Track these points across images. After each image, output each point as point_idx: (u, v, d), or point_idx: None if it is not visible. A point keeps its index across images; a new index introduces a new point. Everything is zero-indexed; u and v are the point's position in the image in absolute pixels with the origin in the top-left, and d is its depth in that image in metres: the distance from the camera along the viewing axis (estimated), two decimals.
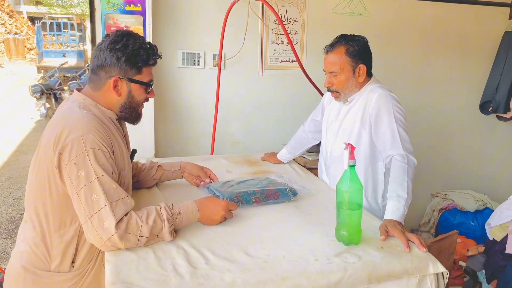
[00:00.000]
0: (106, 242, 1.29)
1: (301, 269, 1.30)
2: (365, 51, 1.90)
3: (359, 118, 1.91)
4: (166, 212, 1.40)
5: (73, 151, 1.30)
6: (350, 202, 1.43)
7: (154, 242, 1.38)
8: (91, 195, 1.29)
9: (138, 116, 1.55)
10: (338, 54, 1.88)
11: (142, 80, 1.46)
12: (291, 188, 1.85)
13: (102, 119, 1.43)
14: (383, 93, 1.86)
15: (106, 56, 1.41)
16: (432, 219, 3.44)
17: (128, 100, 1.47)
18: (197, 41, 2.75)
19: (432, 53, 3.40)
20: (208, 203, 1.54)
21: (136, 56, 1.41)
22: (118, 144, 1.47)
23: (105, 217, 1.28)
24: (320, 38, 3.00)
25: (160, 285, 1.18)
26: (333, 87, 1.94)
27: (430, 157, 3.59)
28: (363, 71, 1.90)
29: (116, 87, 1.44)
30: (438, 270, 1.39)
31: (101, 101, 1.46)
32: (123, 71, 1.42)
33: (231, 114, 2.93)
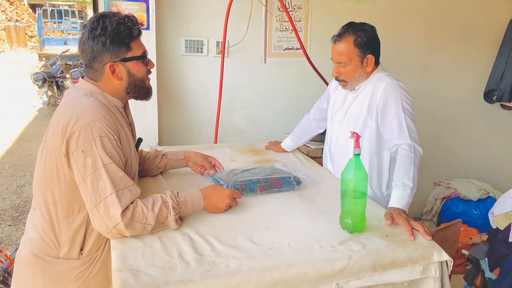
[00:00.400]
0: (112, 229, 1.29)
1: (306, 257, 1.30)
2: (374, 41, 1.89)
3: (365, 107, 1.91)
4: (172, 200, 1.40)
5: (80, 138, 1.30)
6: (354, 190, 1.43)
7: (159, 230, 1.39)
8: (98, 182, 1.29)
9: (148, 91, 1.53)
10: (346, 45, 1.86)
11: (135, 55, 1.43)
12: (295, 177, 1.85)
13: (109, 107, 1.42)
14: (391, 82, 1.85)
15: (92, 47, 1.38)
16: (435, 208, 3.45)
17: (131, 80, 1.45)
18: (200, 28, 2.73)
19: (436, 41, 3.37)
20: (213, 191, 1.54)
21: (118, 34, 1.37)
22: (125, 132, 1.46)
23: (111, 205, 1.29)
24: (324, 25, 2.99)
25: (166, 271, 1.19)
26: (340, 76, 1.93)
27: (433, 146, 3.58)
28: (371, 61, 1.88)
29: (114, 72, 1.42)
30: (442, 258, 1.40)
31: (106, 89, 1.45)
32: (114, 54, 1.39)
33: (235, 102, 2.93)
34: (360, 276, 1.31)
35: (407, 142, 1.78)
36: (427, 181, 3.66)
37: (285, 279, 1.23)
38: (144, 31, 2.39)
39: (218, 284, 1.17)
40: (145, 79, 1.50)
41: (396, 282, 1.36)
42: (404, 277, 1.36)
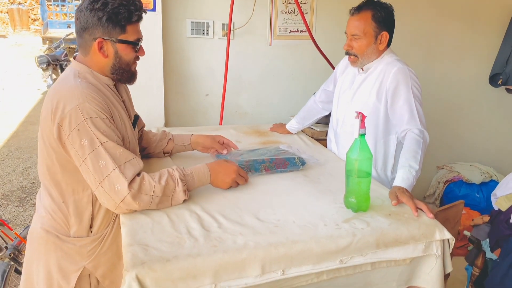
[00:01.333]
0: (120, 204, 1.32)
1: (311, 234, 1.33)
2: (390, 19, 1.89)
3: (374, 91, 1.91)
4: (179, 173, 1.43)
5: (72, 121, 1.30)
6: (359, 170, 1.45)
7: (167, 204, 1.41)
8: (98, 161, 1.30)
9: (132, 76, 1.51)
10: (364, 18, 1.86)
11: (128, 39, 1.41)
12: (299, 158, 1.87)
13: (99, 87, 1.41)
14: (402, 67, 1.85)
15: (87, 17, 1.36)
16: (437, 191, 3.48)
17: (116, 61, 1.43)
18: (206, 10, 2.72)
19: (441, 24, 3.35)
20: (219, 167, 1.56)
21: (117, 14, 1.35)
22: (117, 110, 1.46)
23: (115, 180, 1.30)
24: (330, 7, 2.97)
25: (175, 246, 1.22)
26: (352, 50, 1.92)
27: (437, 129, 3.59)
28: (385, 39, 1.88)
29: (102, 48, 1.39)
30: (444, 237, 1.43)
31: (94, 66, 1.43)
32: (107, 32, 1.37)
33: (240, 84, 2.94)
34: (363, 253, 1.34)
35: (418, 127, 1.80)
36: (430, 164, 3.68)
37: (290, 255, 1.26)
38: (150, 12, 2.42)
39: (225, 258, 1.20)
40: (132, 64, 1.48)
41: (399, 259, 1.39)
42: (407, 254, 1.40)
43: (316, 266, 1.29)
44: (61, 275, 1.47)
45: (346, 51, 1.94)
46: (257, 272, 1.23)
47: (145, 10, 1.46)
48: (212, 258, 1.19)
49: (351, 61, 1.96)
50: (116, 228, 1.52)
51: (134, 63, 1.49)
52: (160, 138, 1.88)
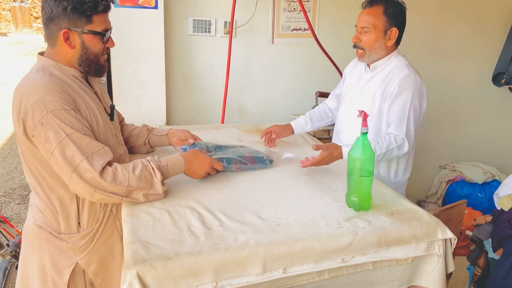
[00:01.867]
0: (96, 191, 1.30)
1: (312, 232, 1.33)
2: (402, 17, 1.89)
3: (379, 93, 1.90)
4: (155, 163, 1.42)
5: (35, 115, 1.28)
6: (361, 169, 1.44)
7: (143, 196, 1.39)
8: (65, 153, 1.28)
9: (100, 68, 1.46)
10: (375, 12, 1.86)
11: (95, 30, 1.36)
12: (267, 156, 1.88)
13: (64, 79, 1.38)
14: (409, 74, 1.84)
15: (52, 7, 1.32)
16: (440, 191, 3.47)
17: (83, 52, 1.39)
18: (208, 8, 2.72)
19: (444, 23, 3.34)
20: (195, 157, 1.56)
21: (82, 3, 1.31)
22: (86, 102, 1.42)
23: (85, 170, 1.28)
24: (332, 5, 2.97)
25: (176, 244, 1.22)
26: (360, 43, 1.91)
27: (439, 129, 3.58)
28: (394, 35, 1.88)
29: (68, 39, 1.36)
30: (446, 236, 1.42)
31: (61, 59, 1.40)
32: (72, 22, 1.33)
33: (241, 83, 2.93)
34: (365, 252, 1.33)
35: (401, 136, 1.81)
36: (432, 164, 3.67)
37: (291, 253, 1.25)
38: (152, 10, 2.42)
39: (227, 256, 1.19)
40: (100, 56, 1.44)
41: (401, 258, 1.39)
42: (408, 253, 1.39)
43: (318, 264, 1.29)
44: (54, 270, 1.47)
45: (354, 43, 1.93)
46: (258, 271, 1.22)
47: (112, 1, 1.42)
48: (213, 256, 1.18)
49: (358, 55, 1.95)
50: (110, 226, 1.52)
51: (103, 55, 1.46)
52: (140, 131, 1.86)
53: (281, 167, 1.87)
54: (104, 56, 1.46)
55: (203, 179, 1.63)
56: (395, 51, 1.94)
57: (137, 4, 2.38)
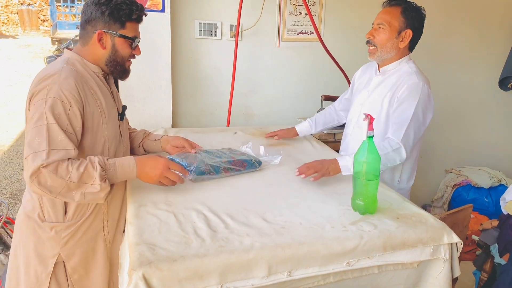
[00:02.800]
0: (34, 179, 1.30)
1: (318, 235, 1.33)
2: (419, 22, 1.88)
3: (388, 98, 1.89)
4: (99, 159, 1.40)
5: (37, 96, 1.38)
6: (367, 172, 1.44)
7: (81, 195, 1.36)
8: (35, 137, 1.33)
9: (124, 71, 1.60)
10: (394, 11, 1.87)
11: (126, 35, 1.51)
12: (255, 158, 1.88)
13: (83, 74, 1.48)
14: (418, 82, 1.83)
15: (92, 11, 1.48)
16: (446, 195, 3.45)
17: (112, 54, 1.52)
18: (214, 11, 2.73)
19: (450, 26, 3.33)
20: (148, 159, 1.52)
21: (119, 10, 1.46)
22: (98, 99, 1.50)
23: (38, 158, 1.30)
24: (339, 9, 2.97)
25: (182, 246, 1.22)
26: (373, 39, 1.90)
27: (445, 133, 3.57)
28: (408, 37, 1.87)
29: (101, 40, 1.50)
30: (452, 240, 1.41)
31: (88, 56, 1.53)
32: (107, 25, 1.48)
33: (247, 86, 2.94)
34: (370, 256, 1.33)
35: (398, 140, 1.77)
36: (438, 168, 3.65)
37: (296, 256, 1.26)
38: (159, 13, 2.43)
39: (232, 259, 1.20)
40: (126, 60, 1.57)
41: (406, 262, 1.38)
42: (414, 257, 1.39)
43: (323, 268, 1.29)
44: (38, 260, 1.51)
45: (367, 39, 1.93)
46: (263, 273, 1.22)
47: (145, 13, 1.57)
48: (218, 259, 1.19)
49: (369, 52, 1.94)
50: (97, 224, 1.55)
51: (129, 60, 1.59)
52: (138, 134, 1.92)
53: (286, 171, 1.87)
54: (129, 62, 1.60)
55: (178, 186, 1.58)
56: (406, 56, 1.93)
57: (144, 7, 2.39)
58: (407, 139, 1.79)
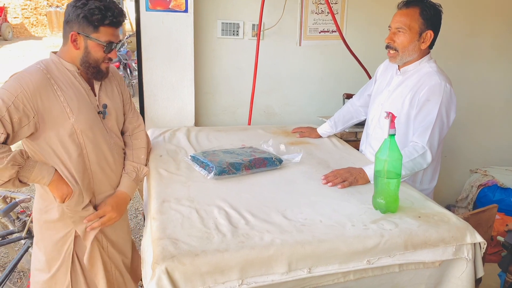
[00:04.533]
0: None
1: (338, 233, 1.34)
2: (437, 20, 1.84)
3: (408, 99, 1.86)
4: (24, 152, 1.49)
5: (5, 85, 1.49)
6: (388, 171, 1.44)
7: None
8: None
9: (99, 72, 1.63)
10: (412, 13, 1.82)
11: (98, 39, 1.56)
12: (276, 156, 1.89)
13: (54, 72, 1.56)
14: (439, 83, 1.79)
15: (69, 12, 1.55)
16: (470, 195, 3.38)
17: (84, 55, 1.58)
18: (236, 11, 2.75)
19: (477, 24, 3.26)
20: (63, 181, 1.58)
21: (92, 14, 1.51)
22: (66, 94, 1.56)
23: None
24: (361, 7, 2.95)
25: (204, 241, 1.25)
26: (393, 44, 1.87)
27: (470, 132, 3.50)
28: (429, 38, 1.83)
29: (75, 41, 1.56)
30: (475, 240, 1.40)
31: (66, 55, 1.60)
32: (81, 27, 1.54)
33: (268, 85, 2.95)
34: (391, 254, 1.33)
35: (423, 144, 1.75)
36: (463, 168, 3.59)
37: (317, 253, 1.27)
38: (182, 14, 2.47)
39: (252, 254, 1.22)
40: (100, 62, 1.61)
41: (428, 261, 1.37)
42: (436, 257, 1.38)
43: (343, 265, 1.29)
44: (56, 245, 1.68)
45: (387, 44, 1.89)
46: (283, 269, 1.24)
47: (122, 19, 1.60)
48: (239, 254, 1.21)
49: (390, 56, 1.91)
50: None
51: (104, 62, 1.63)
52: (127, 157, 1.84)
53: (307, 169, 1.88)
54: (105, 64, 1.64)
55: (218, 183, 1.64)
56: (427, 55, 1.90)
57: (167, 8, 2.44)
58: (432, 141, 1.76)
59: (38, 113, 1.50)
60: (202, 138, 2.31)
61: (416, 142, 1.77)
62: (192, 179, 1.70)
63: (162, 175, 1.74)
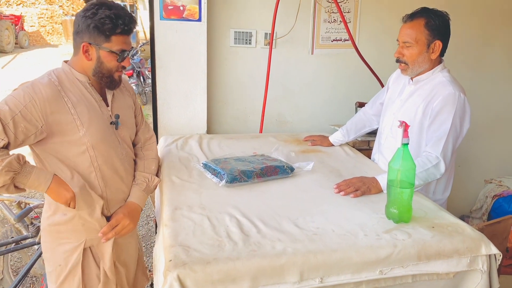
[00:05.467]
0: None
1: (351, 243, 1.33)
2: (445, 28, 1.83)
3: (421, 109, 1.85)
4: (22, 156, 1.44)
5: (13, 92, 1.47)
6: (401, 180, 1.43)
7: None
8: None
9: (112, 81, 1.61)
10: (417, 25, 1.81)
11: (110, 48, 1.53)
12: (288, 164, 1.89)
13: (65, 83, 1.53)
14: (453, 92, 1.77)
15: (79, 23, 1.51)
16: (485, 206, 3.33)
17: (97, 66, 1.55)
18: (249, 20, 2.77)
19: (491, 33, 3.23)
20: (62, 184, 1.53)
21: (103, 24, 1.48)
22: (77, 105, 1.52)
23: None
24: (373, 17, 2.95)
25: (215, 249, 1.25)
26: (403, 58, 1.87)
27: (484, 141, 3.46)
28: (438, 48, 1.82)
29: (87, 52, 1.53)
30: (490, 252, 1.38)
31: (77, 65, 1.57)
32: (92, 37, 1.51)
33: (280, 93, 2.96)
34: (404, 265, 1.32)
35: (436, 154, 1.74)
36: (477, 178, 3.54)
37: (329, 263, 1.26)
38: (196, 22, 2.50)
39: (264, 263, 1.21)
40: (113, 71, 1.58)
41: (441, 272, 1.36)
42: (450, 268, 1.36)
43: (355, 275, 1.28)
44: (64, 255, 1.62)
45: (397, 58, 1.89)
46: (295, 279, 1.23)
47: (134, 26, 1.57)
48: (251, 262, 1.21)
49: (401, 68, 1.91)
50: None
51: (118, 71, 1.60)
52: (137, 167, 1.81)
53: (319, 177, 1.87)
54: (119, 72, 1.61)
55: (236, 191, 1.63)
56: (440, 65, 1.88)
57: (181, 17, 2.46)
58: (446, 152, 1.75)
59: (47, 124, 1.47)
60: (214, 145, 2.32)
61: (430, 152, 1.75)
62: (204, 187, 1.71)
63: (174, 182, 1.75)
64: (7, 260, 2.66)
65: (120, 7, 1.54)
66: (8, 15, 15.94)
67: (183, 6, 2.44)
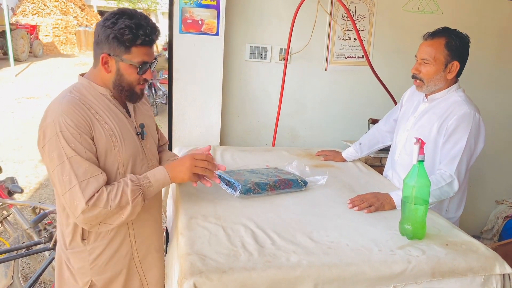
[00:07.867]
0: (78, 217, 1.35)
1: (365, 258, 1.33)
2: (464, 50, 1.85)
3: (436, 127, 1.87)
4: (131, 176, 1.43)
5: (47, 133, 1.37)
6: (416, 197, 1.44)
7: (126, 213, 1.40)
8: (62, 175, 1.34)
9: (133, 95, 1.52)
10: (437, 44, 1.84)
11: (131, 60, 1.44)
12: (301, 178, 1.90)
13: (89, 99, 1.45)
14: (469, 112, 1.79)
15: (99, 33, 1.43)
16: (496, 227, 3.31)
17: (117, 78, 1.47)
18: (265, 35, 2.82)
19: (505, 53, 3.25)
20: (173, 161, 1.56)
21: (122, 35, 1.39)
22: (107, 122, 1.46)
23: (75, 195, 1.34)
24: (388, 35, 2.99)
25: (231, 259, 1.26)
26: (419, 74, 1.89)
27: (497, 162, 3.44)
28: (455, 69, 1.84)
29: (106, 63, 1.45)
30: (505, 271, 1.38)
31: (97, 78, 1.49)
32: (112, 49, 1.42)
33: (293, 108, 2.99)
34: (418, 281, 1.32)
35: (451, 172, 1.75)
36: (488, 199, 3.52)
37: (343, 277, 1.27)
38: (213, 36, 2.55)
39: (279, 274, 1.22)
40: (134, 84, 1.50)
41: None
42: (464, 286, 1.36)
43: None
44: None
45: (413, 74, 1.91)
46: None
47: (156, 37, 1.47)
48: (266, 273, 1.22)
49: (416, 84, 1.93)
50: (123, 245, 1.55)
51: (140, 84, 1.51)
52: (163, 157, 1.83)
53: (332, 192, 1.88)
54: (140, 85, 1.52)
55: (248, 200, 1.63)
56: (455, 84, 1.91)
57: (199, 31, 2.52)
58: (460, 170, 1.77)
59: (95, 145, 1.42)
60: (227, 157, 2.34)
61: (444, 171, 1.76)
62: (219, 197, 1.73)
63: (190, 192, 1.77)
64: (18, 265, 2.69)
65: (143, 17, 1.44)
66: (24, 24, 16.31)
67: (202, 20, 2.50)
